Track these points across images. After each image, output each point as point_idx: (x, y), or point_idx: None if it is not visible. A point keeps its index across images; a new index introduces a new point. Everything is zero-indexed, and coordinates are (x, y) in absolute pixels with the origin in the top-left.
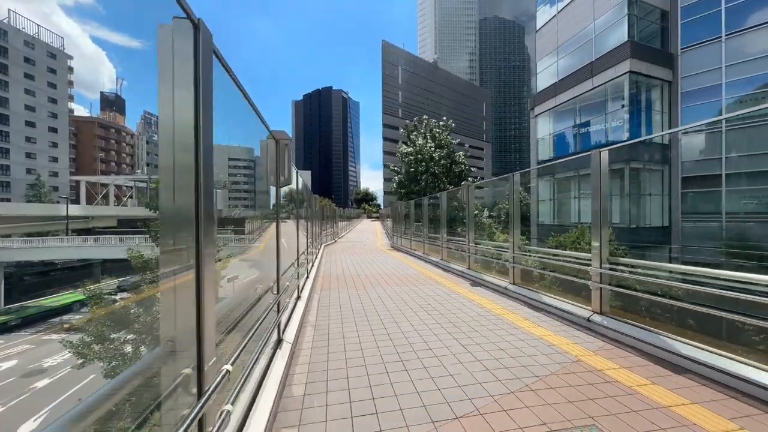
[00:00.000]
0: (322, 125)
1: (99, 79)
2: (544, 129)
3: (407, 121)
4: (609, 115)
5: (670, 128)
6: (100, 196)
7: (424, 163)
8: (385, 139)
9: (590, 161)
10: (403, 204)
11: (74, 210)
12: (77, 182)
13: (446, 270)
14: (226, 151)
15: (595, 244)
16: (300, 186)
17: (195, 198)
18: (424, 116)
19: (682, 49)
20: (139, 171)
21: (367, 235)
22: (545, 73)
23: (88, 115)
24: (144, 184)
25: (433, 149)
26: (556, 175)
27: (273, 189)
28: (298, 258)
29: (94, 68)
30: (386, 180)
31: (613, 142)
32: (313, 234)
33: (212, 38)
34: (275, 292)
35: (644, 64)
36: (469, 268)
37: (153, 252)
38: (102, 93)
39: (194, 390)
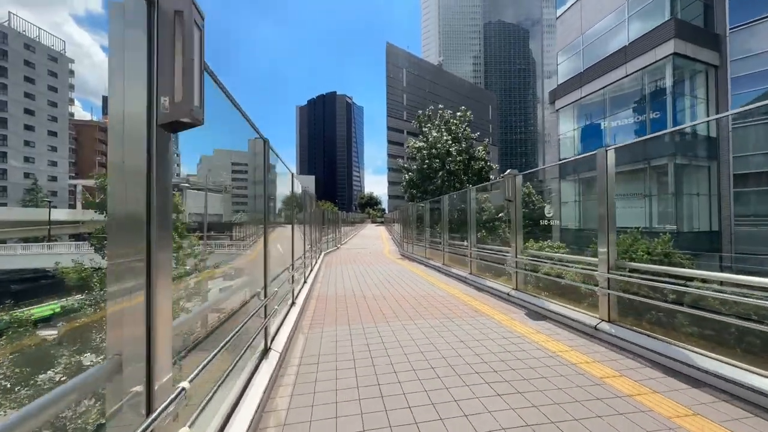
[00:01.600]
0: (326, 130)
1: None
2: (567, 124)
3: (420, 111)
4: (646, 105)
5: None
6: (98, 200)
7: (439, 159)
8: (389, 142)
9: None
10: (415, 206)
11: (61, 215)
12: (75, 186)
13: (479, 289)
14: (228, 156)
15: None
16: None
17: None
18: (440, 105)
19: (730, 29)
20: None
21: (372, 240)
22: (568, 63)
23: (89, 118)
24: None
25: (449, 143)
26: (581, 175)
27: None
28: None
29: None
30: (391, 184)
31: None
32: (312, 240)
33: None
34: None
35: (689, 46)
36: (516, 289)
37: (92, 261)
38: (104, 97)
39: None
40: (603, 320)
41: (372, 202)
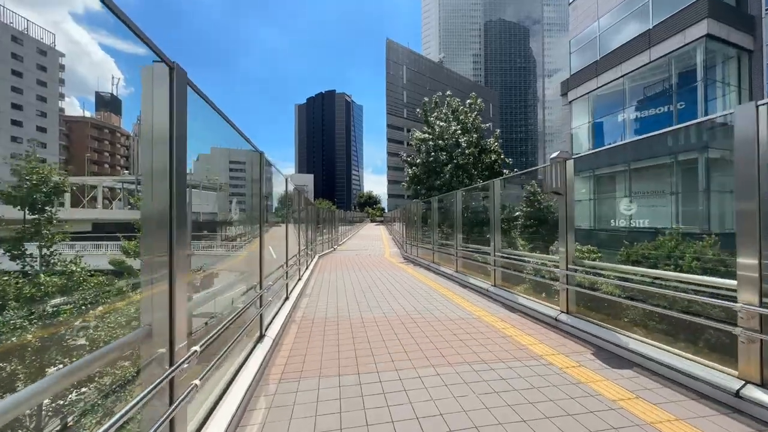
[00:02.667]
0: (325, 129)
1: (107, 86)
2: (581, 117)
3: (425, 98)
4: (673, 94)
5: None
6: (87, 198)
7: (446, 152)
8: (389, 140)
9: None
10: (420, 203)
11: None
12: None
13: (511, 308)
14: (226, 154)
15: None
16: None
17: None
18: (448, 92)
19: (767, 10)
20: (127, 172)
21: (371, 241)
22: (581, 52)
23: (81, 114)
24: (133, 186)
25: (458, 133)
26: (596, 171)
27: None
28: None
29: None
30: (391, 182)
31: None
32: (306, 239)
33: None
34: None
35: (724, 27)
36: (567, 313)
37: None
38: (97, 93)
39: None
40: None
41: (371, 201)
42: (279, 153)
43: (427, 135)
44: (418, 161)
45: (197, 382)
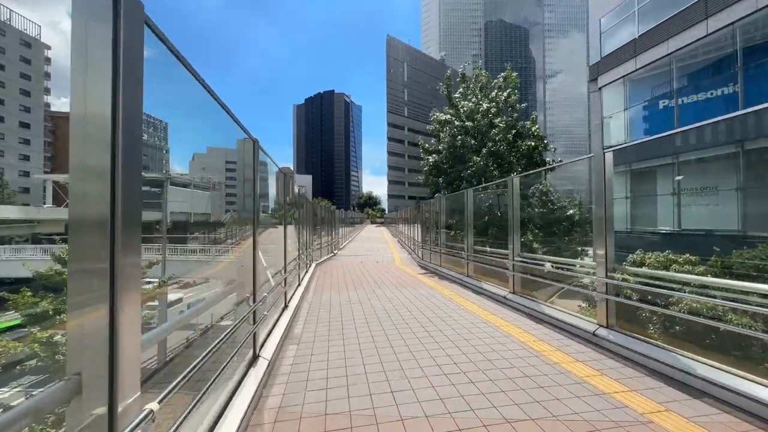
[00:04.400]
0: (324, 129)
1: None
2: (614, 104)
3: (448, 71)
4: (738, 72)
5: None
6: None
7: (477, 136)
8: (389, 139)
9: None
10: (443, 199)
11: (12, 212)
12: (45, 182)
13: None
14: (222, 154)
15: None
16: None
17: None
18: (478, 63)
19: None
20: None
21: (376, 244)
22: (615, 30)
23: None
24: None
25: (492, 112)
26: (632, 166)
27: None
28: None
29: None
30: (391, 183)
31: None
32: (302, 243)
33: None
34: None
35: None
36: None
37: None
38: None
39: None
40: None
41: (371, 202)
42: (277, 154)
43: (448, 116)
44: (438, 148)
45: None
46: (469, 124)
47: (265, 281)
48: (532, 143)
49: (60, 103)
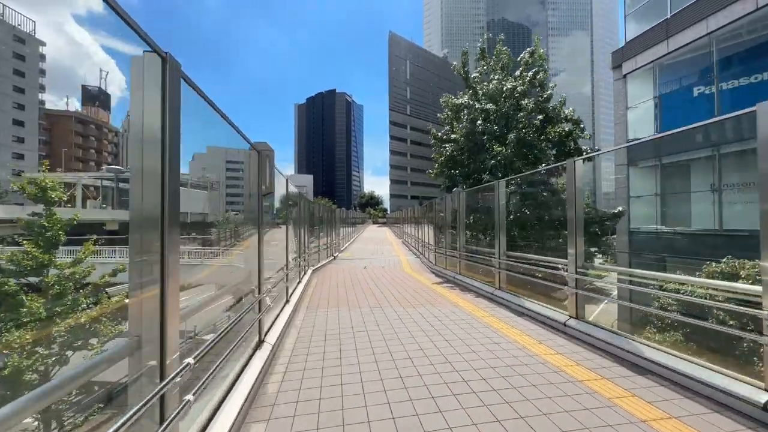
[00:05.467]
0: (326, 129)
1: (108, 87)
2: (641, 92)
3: (465, 45)
4: None
5: None
6: (65, 197)
7: (502, 121)
8: (391, 137)
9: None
10: (463, 195)
11: None
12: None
13: None
14: (223, 153)
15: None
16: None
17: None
18: (500, 35)
19: None
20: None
21: (379, 246)
22: (645, 10)
23: (65, 108)
24: (111, 183)
25: (520, 91)
26: (663, 160)
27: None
28: None
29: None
30: (393, 182)
31: None
32: (300, 244)
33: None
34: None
35: None
36: None
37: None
38: (83, 86)
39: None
40: None
41: (373, 202)
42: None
43: (465, 100)
44: (453, 137)
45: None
46: (491, 107)
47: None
48: (566, 128)
49: (57, 102)
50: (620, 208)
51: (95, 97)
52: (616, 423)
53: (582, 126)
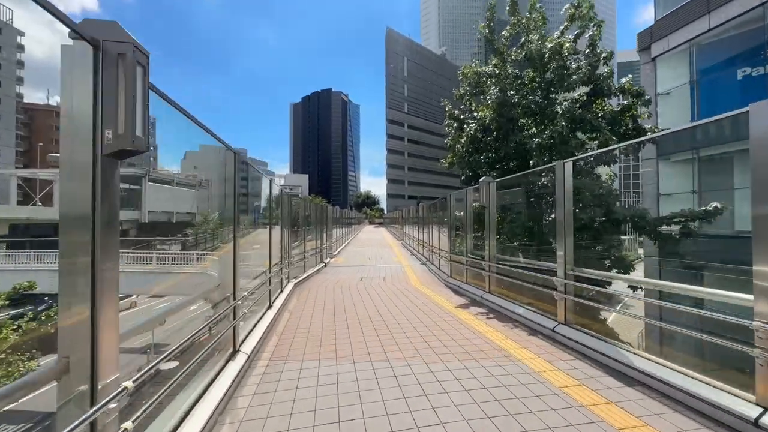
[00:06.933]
0: (321, 129)
1: None
2: (673, 76)
3: (490, 1)
4: None
5: None
6: (39, 195)
7: (544, 91)
8: (389, 136)
9: None
10: (492, 185)
11: None
12: (12, 177)
13: None
14: (217, 152)
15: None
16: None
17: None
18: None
19: None
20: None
21: (378, 249)
22: None
23: (45, 102)
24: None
25: (569, 50)
26: (701, 152)
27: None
28: None
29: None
30: (390, 182)
31: None
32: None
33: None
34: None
35: None
36: None
37: None
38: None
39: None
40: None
41: (369, 202)
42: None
43: (491, 68)
44: (477, 115)
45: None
46: (530, 73)
47: None
48: (627, 101)
49: (36, 96)
50: (717, 204)
51: None
52: None
53: (647, 98)
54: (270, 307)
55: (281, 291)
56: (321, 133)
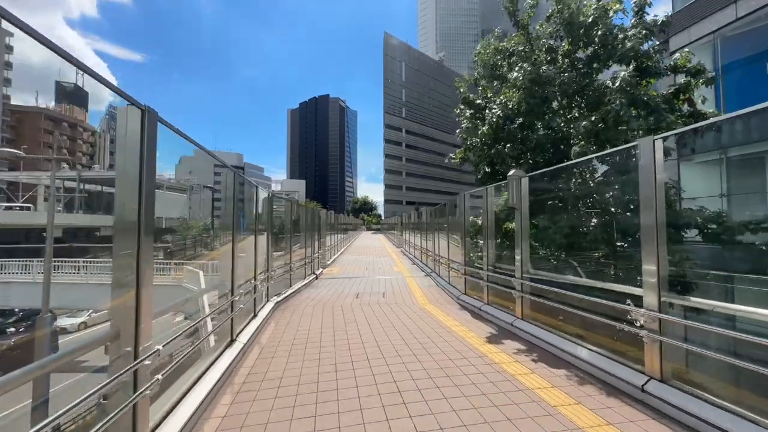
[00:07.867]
0: (319, 134)
1: (100, 91)
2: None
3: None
4: None
5: None
6: (22, 199)
7: (584, 67)
8: (386, 141)
9: None
10: (526, 184)
11: None
12: None
13: None
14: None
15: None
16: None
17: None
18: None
19: None
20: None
21: (375, 257)
22: None
23: (33, 104)
24: (74, 183)
25: (613, 12)
26: (728, 153)
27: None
28: None
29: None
30: (388, 187)
31: None
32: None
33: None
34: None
35: None
36: None
37: None
38: (57, 83)
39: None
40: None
41: (366, 207)
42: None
43: (511, 44)
44: (503, 98)
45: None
46: (566, 46)
47: None
48: (681, 80)
49: (25, 99)
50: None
51: (71, 94)
52: None
53: (710, 76)
54: (234, 339)
55: (254, 316)
56: (318, 139)
